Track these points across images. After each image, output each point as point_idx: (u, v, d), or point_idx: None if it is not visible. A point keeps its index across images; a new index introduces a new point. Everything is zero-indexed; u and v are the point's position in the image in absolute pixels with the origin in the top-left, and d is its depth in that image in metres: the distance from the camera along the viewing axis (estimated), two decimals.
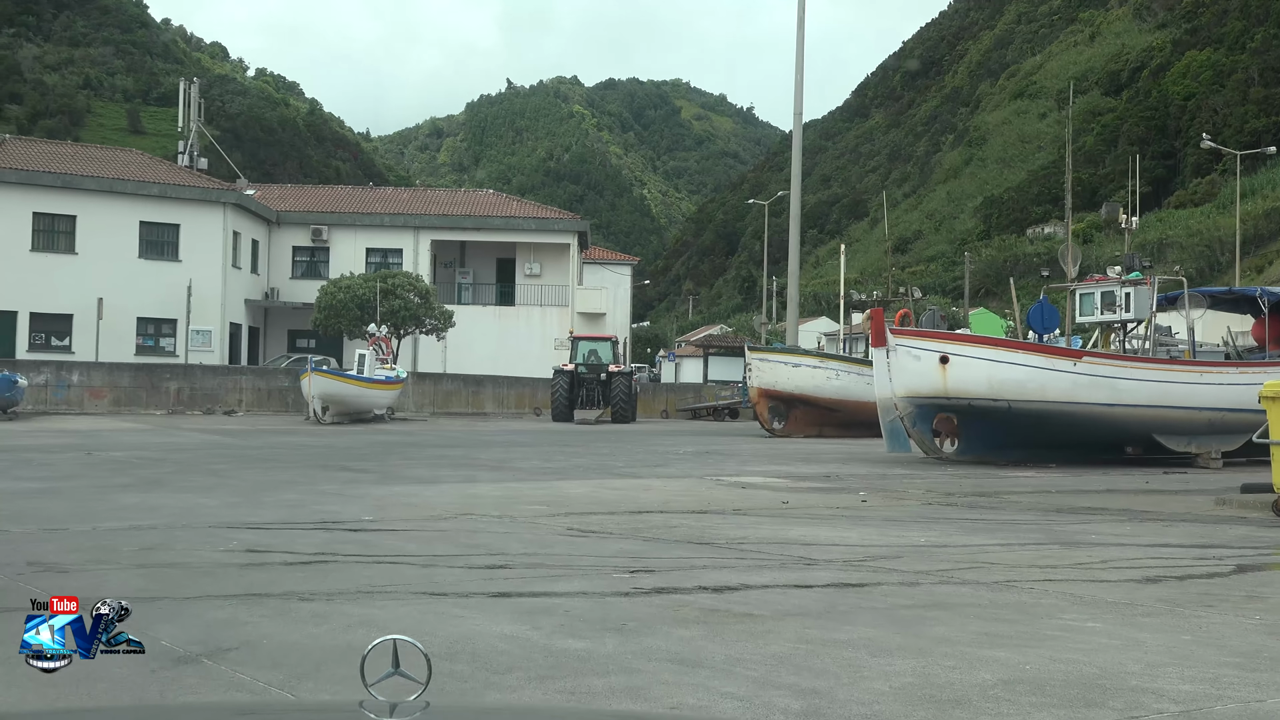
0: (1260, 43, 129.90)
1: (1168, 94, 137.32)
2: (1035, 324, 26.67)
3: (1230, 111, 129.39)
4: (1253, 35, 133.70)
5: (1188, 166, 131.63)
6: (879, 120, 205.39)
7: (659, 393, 59.10)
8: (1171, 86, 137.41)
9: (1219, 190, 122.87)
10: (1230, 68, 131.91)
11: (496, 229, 62.20)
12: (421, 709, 2.47)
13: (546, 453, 28.57)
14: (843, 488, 20.70)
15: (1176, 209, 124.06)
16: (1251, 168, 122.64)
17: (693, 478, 22.23)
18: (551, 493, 18.67)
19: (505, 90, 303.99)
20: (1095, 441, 26.64)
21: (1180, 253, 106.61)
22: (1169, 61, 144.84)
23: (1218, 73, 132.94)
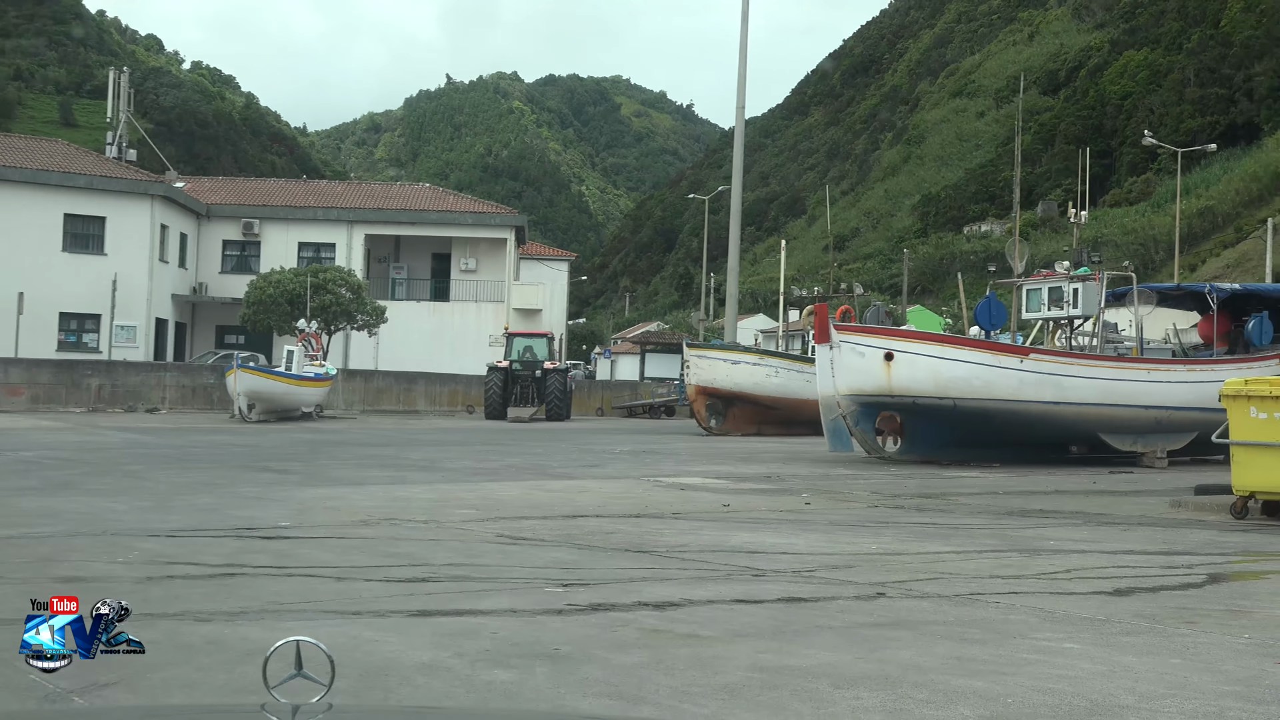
0: (1196, 43, 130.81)
1: (1105, 93, 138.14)
2: (983, 320, 26.04)
3: (1166, 111, 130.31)
4: (1189, 36, 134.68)
5: (1124, 165, 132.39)
6: (818, 118, 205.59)
7: (595, 390, 58.27)
8: (1109, 86, 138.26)
9: (1154, 189, 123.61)
10: (1167, 68, 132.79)
11: (432, 223, 61.06)
12: (324, 711, 2.46)
13: (479, 452, 27.68)
14: (785, 489, 19.97)
15: (1112, 207, 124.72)
16: (1186, 167, 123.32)
17: (630, 479, 21.42)
18: (482, 495, 17.81)
19: (444, 86, 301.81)
20: (1041, 440, 26.08)
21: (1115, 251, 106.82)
22: (1106, 61, 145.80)
23: (1154, 73, 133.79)
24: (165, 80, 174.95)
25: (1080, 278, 26.34)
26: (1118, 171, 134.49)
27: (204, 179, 68.42)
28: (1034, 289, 27.31)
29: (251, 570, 10.49)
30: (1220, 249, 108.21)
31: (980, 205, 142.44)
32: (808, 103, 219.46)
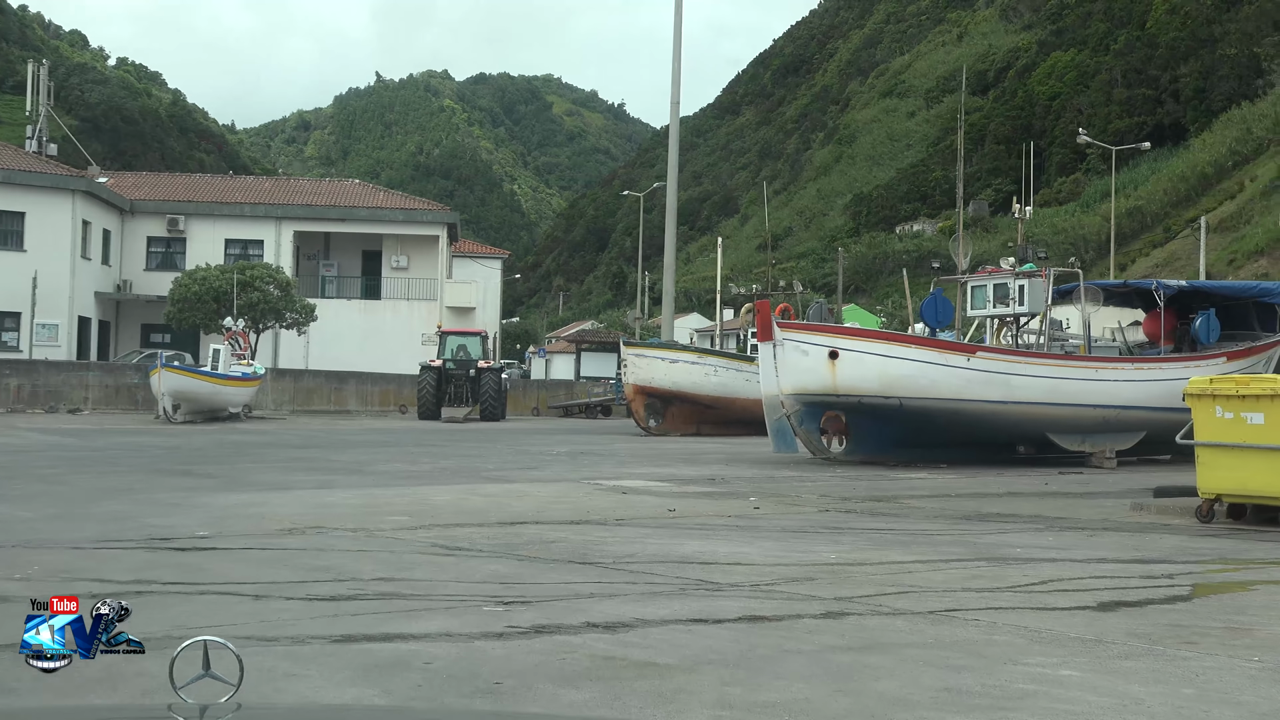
0: (1123, 45, 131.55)
1: (1033, 94, 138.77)
2: (928, 317, 25.34)
3: (1094, 112, 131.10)
4: (1116, 37, 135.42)
5: (1053, 165, 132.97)
6: (750, 117, 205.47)
7: (530, 389, 57.32)
8: (1037, 87, 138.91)
9: (1083, 189, 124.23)
10: (1094, 69, 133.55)
11: (362, 220, 59.83)
12: (233, 711, 2.46)
13: (411, 454, 26.67)
14: (731, 492, 19.17)
15: (1041, 207, 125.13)
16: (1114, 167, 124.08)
17: (568, 481, 20.53)
18: (415, 501, 16.87)
19: (375, 83, 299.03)
20: (988, 440, 25.45)
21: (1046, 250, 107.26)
22: (1034, 62, 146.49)
23: (1082, 73, 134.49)
24: (90, 77, 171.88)
25: (1026, 274, 25.72)
26: (1047, 171, 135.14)
27: (127, 174, 66.76)
28: (979, 286, 26.68)
29: (160, 587, 9.54)
30: (1149, 248, 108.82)
31: (912, 205, 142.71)
32: (739, 102, 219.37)
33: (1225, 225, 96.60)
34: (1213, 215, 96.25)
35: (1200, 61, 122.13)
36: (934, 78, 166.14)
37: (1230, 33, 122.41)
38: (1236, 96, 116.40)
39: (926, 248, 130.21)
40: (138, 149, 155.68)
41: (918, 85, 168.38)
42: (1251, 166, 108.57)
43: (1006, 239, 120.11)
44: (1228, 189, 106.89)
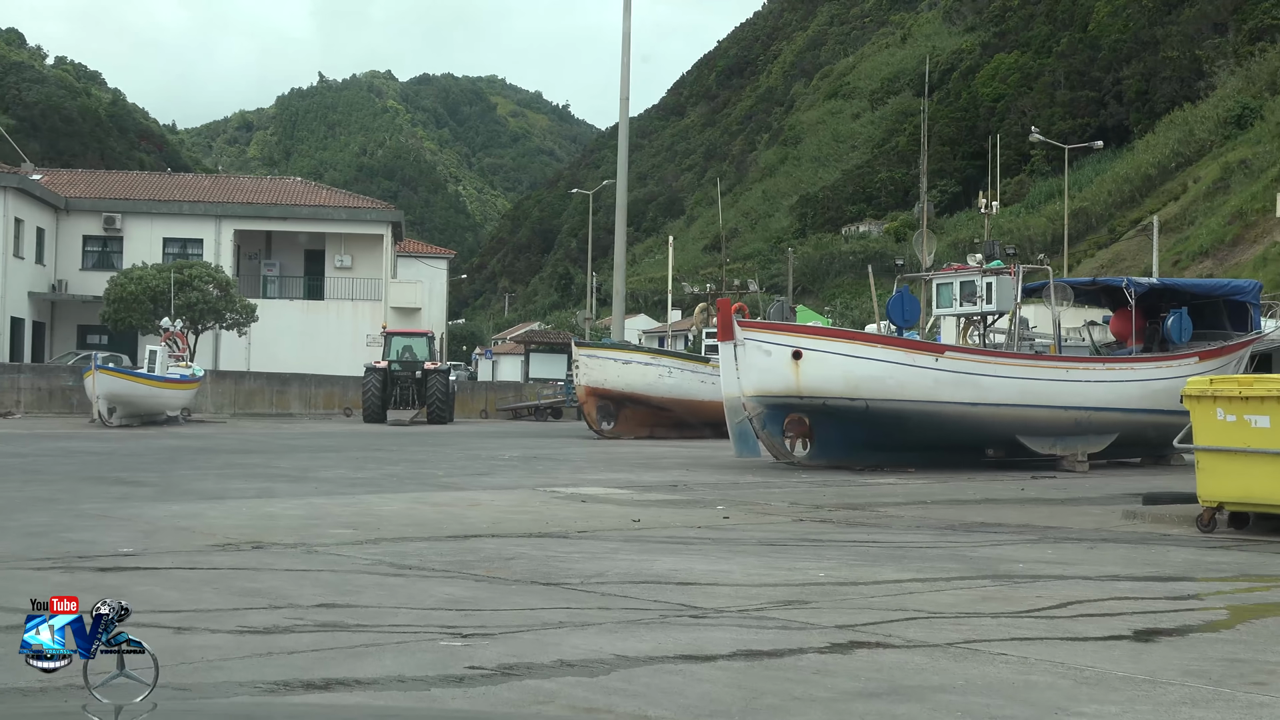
0: (1066, 47, 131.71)
1: (977, 95, 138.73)
2: (895, 316, 24.28)
3: (1038, 113, 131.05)
4: (1058, 39, 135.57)
5: (997, 167, 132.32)
6: (694, 119, 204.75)
7: (478, 391, 56.00)
8: (981, 88, 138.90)
9: (1027, 190, 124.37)
10: (1037, 70, 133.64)
11: (305, 218, 58.28)
12: (148, 711, 2.39)
13: (357, 459, 25.38)
14: (695, 499, 18.05)
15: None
16: (1058, 168, 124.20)
17: (524, 488, 19.35)
18: (360, 511, 15.66)
19: (317, 84, 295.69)
20: (957, 443, 24.45)
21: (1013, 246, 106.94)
22: (978, 64, 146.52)
23: (1025, 75, 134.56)
24: (27, 75, 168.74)
25: (994, 271, 24.75)
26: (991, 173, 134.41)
27: (63, 171, 64.87)
28: (944, 283, 25.68)
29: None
30: (1095, 249, 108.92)
31: (858, 206, 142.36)
32: (684, 104, 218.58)
33: (1169, 226, 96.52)
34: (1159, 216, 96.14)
35: (1143, 64, 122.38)
36: (878, 79, 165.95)
37: (1172, 35, 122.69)
38: (1179, 98, 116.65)
39: (873, 248, 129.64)
40: (77, 149, 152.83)
41: (862, 87, 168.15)
42: (1194, 168, 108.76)
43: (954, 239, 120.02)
44: (1171, 190, 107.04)
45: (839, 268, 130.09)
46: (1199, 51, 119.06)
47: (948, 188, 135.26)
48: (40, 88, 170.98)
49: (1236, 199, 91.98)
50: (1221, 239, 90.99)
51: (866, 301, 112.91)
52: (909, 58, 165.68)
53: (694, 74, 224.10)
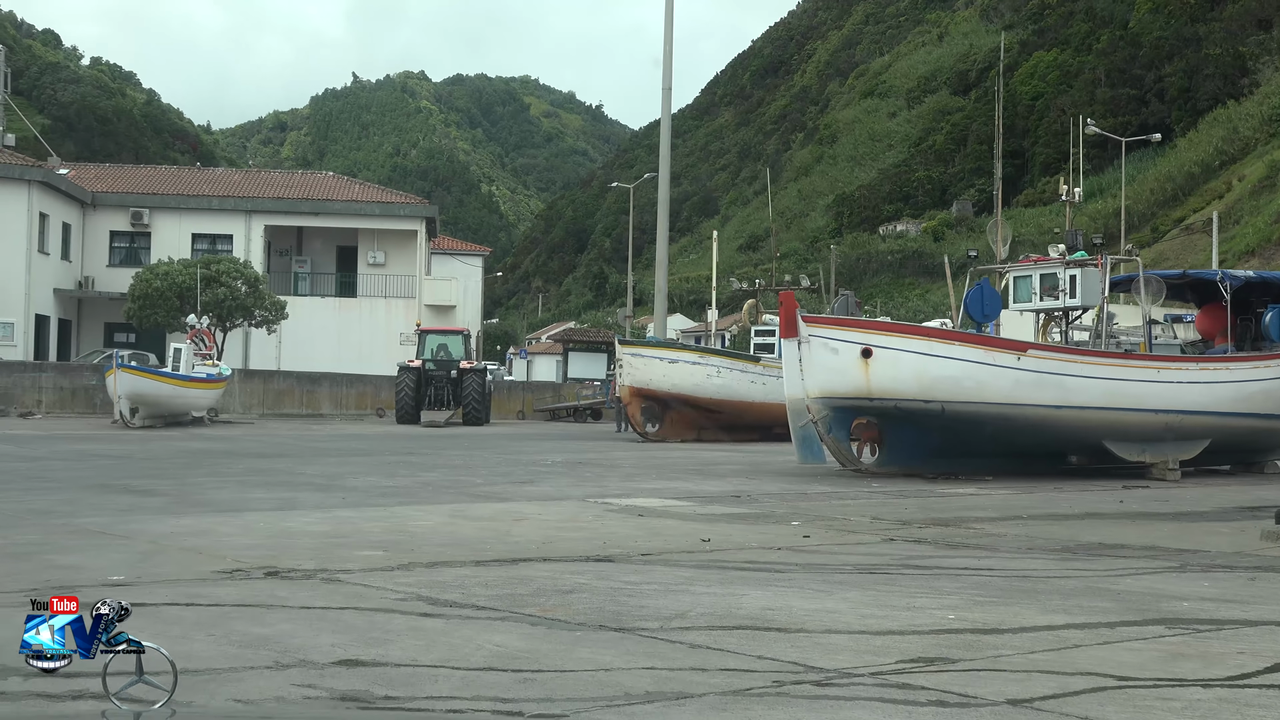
0: (1106, 44, 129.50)
1: (1016, 94, 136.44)
2: (974, 311, 22.15)
3: (1078, 111, 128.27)
4: (1098, 37, 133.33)
5: (1036, 166, 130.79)
6: (728, 119, 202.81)
7: (515, 392, 54.00)
8: (1019, 87, 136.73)
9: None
10: (1077, 69, 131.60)
11: (337, 214, 56.42)
12: (168, 717, 2.39)
13: (389, 465, 23.45)
14: (765, 513, 16.08)
15: (1025, 208, 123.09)
16: (1098, 168, 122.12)
17: (573, 499, 17.39)
18: (393, 527, 13.75)
19: (351, 84, 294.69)
20: (1036, 449, 22.39)
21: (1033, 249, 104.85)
22: (1016, 62, 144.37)
23: (1064, 73, 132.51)
24: (63, 75, 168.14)
25: (1078, 263, 22.66)
26: (1031, 172, 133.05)
27: (90, 166, 63.18)
28: (1023, 276, 23.58)
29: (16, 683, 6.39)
30: (1137, 249, 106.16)
31: (895, 205, 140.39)
32: (717, 103, 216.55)
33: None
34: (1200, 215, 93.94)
35: (1185, 61, 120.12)
36: (915, 78, 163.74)
37: (1214, 32, 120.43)
38: (1222, 96, 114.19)
39: (910, 248, 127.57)
40: (111, 149, 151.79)
41: (898, 86, 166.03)
42: (1239, 166, 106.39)
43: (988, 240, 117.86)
44: (1215, 189, 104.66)
45: (876, 267, 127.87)
46: (1242, 48, 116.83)
47: (986, 187, 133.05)
48: (75, 88, 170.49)
49: None
50: (1268, 238, 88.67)
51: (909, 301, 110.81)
52: (946, 56, 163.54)
53: (728, 73, 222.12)
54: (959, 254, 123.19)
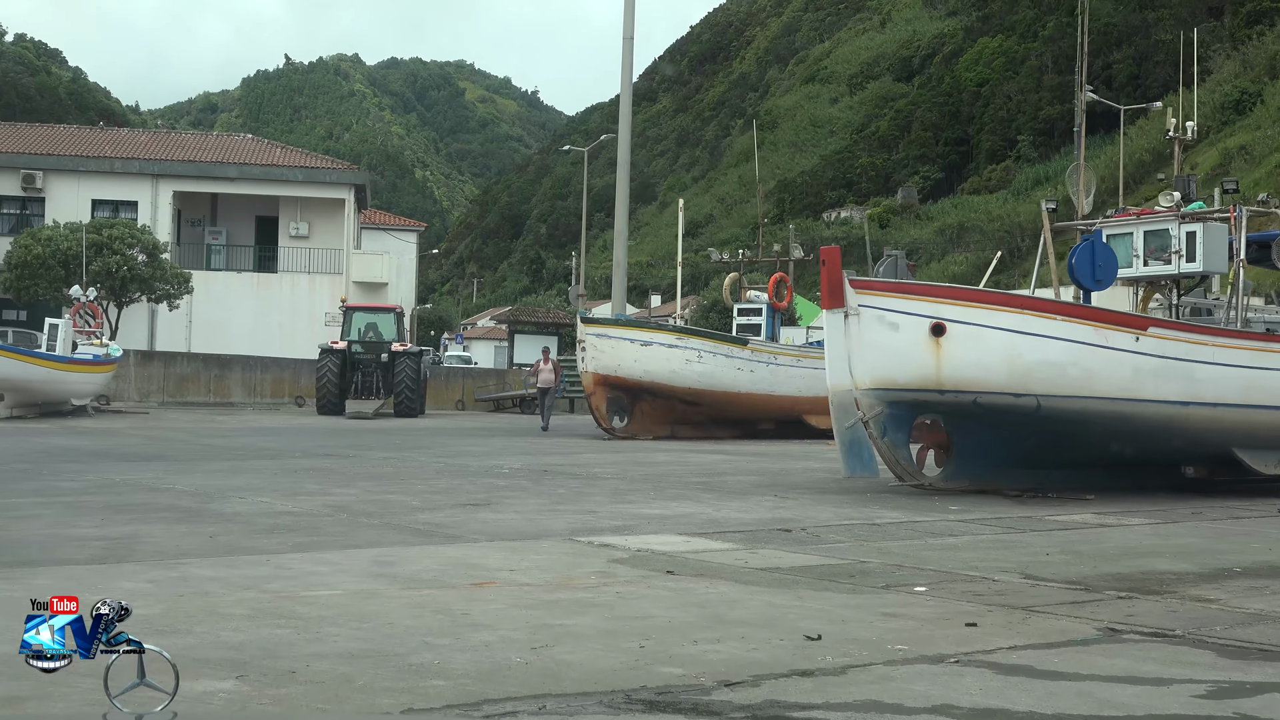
0: (1053, 30, 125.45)
1: (960, 80, 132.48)
2: (1083, 275, 16.29)
3: (1024, 98, 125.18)
4: (1044, 23, 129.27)
5: (982, 153, 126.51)
6: (667, 105, 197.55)
7: (454, 379, 47.58)
8: (964, 73, 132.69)
9: (1013, 177, 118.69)
10: (1023, 55, 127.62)
11: (255, 179, 49.70)
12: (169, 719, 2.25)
13: (294, 475, 17.37)
14: (853, 566, 10.36)
15: (971, 195, 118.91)
16: (1045, 155, 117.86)
17: (555, 537, 11.53)
18: (269, 603, 7.92)
19: (284, 66, 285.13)
20: (1153, 458, 16.77)
21: (981, 237, 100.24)
22: (961, 48, 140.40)
23: (1010, 60, 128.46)
24: None
25: (1197, 215, 17.04)
26: (976, 159, 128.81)
27: None
28: (1120, 234, 17.88)
29: None
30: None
31: (838, 191, 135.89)
32: (655, 89, 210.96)
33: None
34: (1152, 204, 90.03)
35: (1134, 48, 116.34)
36: (857, 64, 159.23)
37: (1164, 18, 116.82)
38: (1172, 84, 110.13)
39: (856, 234, 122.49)
40: None
41: (840, 72, 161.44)
42: (1191, 154, 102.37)
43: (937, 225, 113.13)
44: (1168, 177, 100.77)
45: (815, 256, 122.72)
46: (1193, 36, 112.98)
47: (930, 174, 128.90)
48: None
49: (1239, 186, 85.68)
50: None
51: None
52: (888, 42, 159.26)
53: (666, 58, 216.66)
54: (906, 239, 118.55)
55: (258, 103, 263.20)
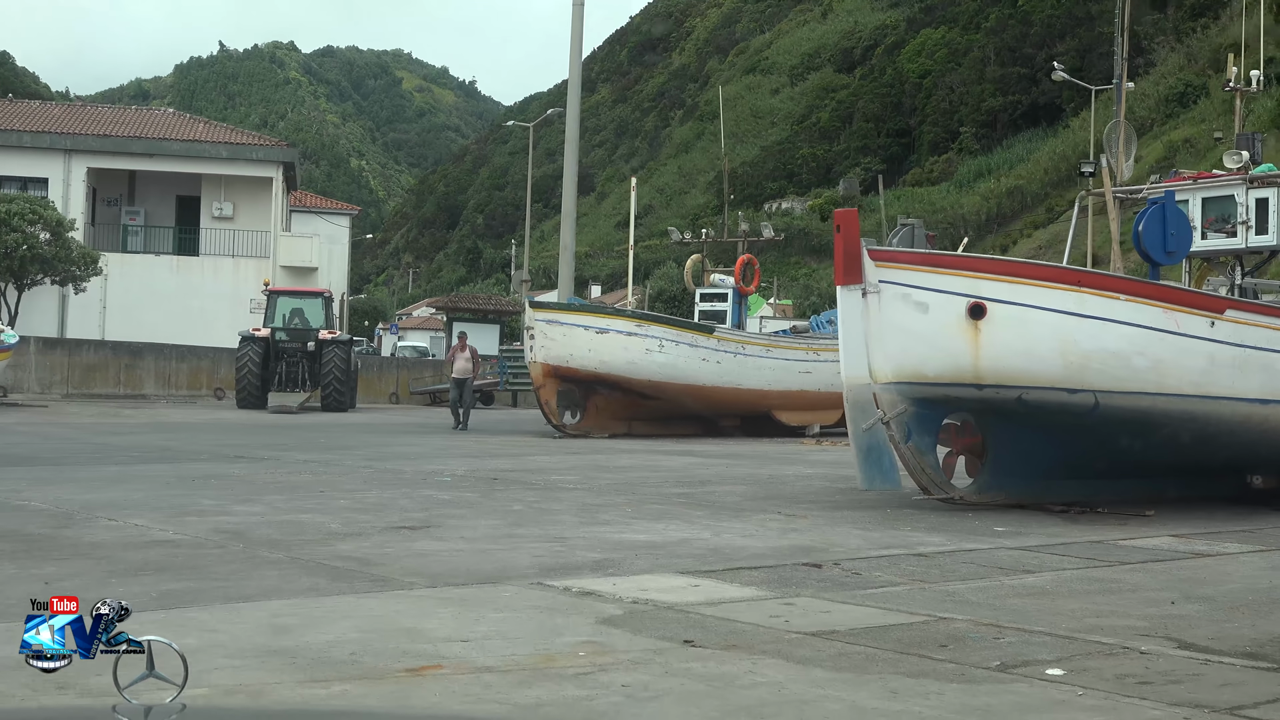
0: (995, 22, 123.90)
1: (903, 72, 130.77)
2: (1153, 247, 13.26)
3: (967, 90, 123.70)
4: (987, 15, 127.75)
5: (924, 145, 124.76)
6: (605, 95, 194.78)
7: (387, 370, 44.21)
8: (906, 65, 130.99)
9: (955, 169, 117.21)
10: (965, 47, 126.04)
11: (176, 156, 45.97)
12: (177, 712, 2.31)
13: (190, 484, 14.17)
14: (936, 625, 7.50)
15: (914, 187, 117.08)
16: (987, 147, 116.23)
17: (517, 580, 8.54)
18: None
19: (218, 53, 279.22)
20: (1218, 465, 14.01)
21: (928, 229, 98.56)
22: (903, 40, 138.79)
23: (953, 51, 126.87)
24: None
25: (1268, 179, 14.28)
26: (918, 151, 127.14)
27: None
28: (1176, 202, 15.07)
29: None
30: (1031, 229, 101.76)
31: (778, 183, 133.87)
32: (594, 80, 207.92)
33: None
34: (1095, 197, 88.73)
35: (1077, 40, 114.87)
36: (798, 55, 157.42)
37: (1108, 10, 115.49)
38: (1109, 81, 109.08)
39: (797, 225, 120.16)
40: None
41: (781, 63, 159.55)
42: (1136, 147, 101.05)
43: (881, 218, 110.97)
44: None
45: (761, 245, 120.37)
46: (1137, 28, 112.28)
47: (872, 165, 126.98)
48: None
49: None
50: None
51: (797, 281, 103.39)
52: (830, 33, 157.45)
53: (605, 49, 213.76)
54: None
55: (191, 89, 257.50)
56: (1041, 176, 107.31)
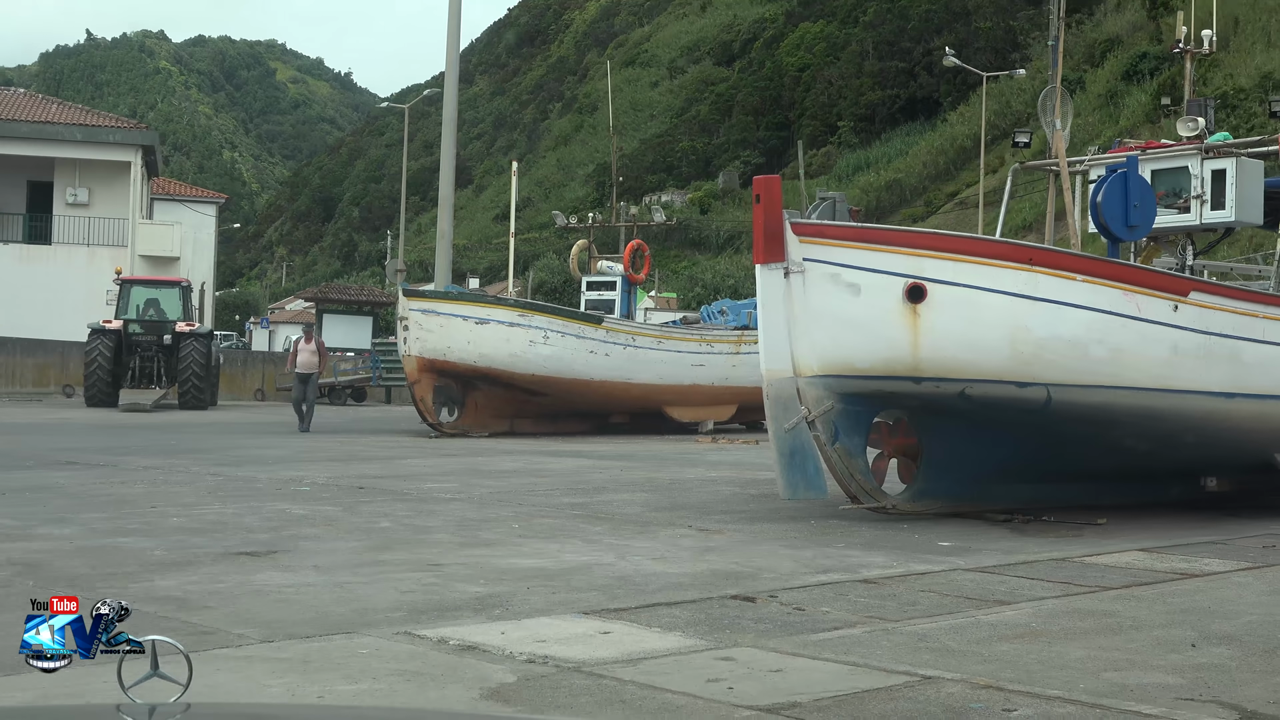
0: (873, 16, 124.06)
1: (781, 65, 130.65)
2: (1113, 220, 11.56)
3: (846, 84, 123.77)
4: (865, 9, 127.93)
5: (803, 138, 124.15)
6: (483, 87, 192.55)
7: (253, 365, 41.66)
8: (785, 58, 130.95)
9: (834, 162, 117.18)
10: (844, 40, 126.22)
11: (25, 138, 42.78)
12: (182, 711, 2.27)
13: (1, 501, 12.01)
14: (921, 687, 5.75)
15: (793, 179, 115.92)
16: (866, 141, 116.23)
17: (378, 630, 6.61)
18: None
19: (85, 41, 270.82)
20: (1173, 465, 12.52)
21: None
22: (782, 33, 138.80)
23: (831, 45, 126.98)
24: None
25: (1224, 148, 12.81)
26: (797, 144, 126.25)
27: None
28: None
29: None
30: (910, 222, 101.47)
31: (658, 175, 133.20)
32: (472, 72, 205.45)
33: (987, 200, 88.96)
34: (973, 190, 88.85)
35: (955, 35, 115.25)
36: (677, 48, 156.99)
37: (984, 6, 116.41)
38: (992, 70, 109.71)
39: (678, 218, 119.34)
40: None
41: (660, 55, 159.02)
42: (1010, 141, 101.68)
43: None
44: (988, 163, 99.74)
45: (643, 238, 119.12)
46: (1013, 23, 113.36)
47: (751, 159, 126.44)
48: None
49: None
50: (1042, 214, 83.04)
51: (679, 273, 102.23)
52: (709, 26, 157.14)
53: (484, 40, 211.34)
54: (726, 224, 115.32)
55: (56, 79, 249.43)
56: (920, 170, 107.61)
